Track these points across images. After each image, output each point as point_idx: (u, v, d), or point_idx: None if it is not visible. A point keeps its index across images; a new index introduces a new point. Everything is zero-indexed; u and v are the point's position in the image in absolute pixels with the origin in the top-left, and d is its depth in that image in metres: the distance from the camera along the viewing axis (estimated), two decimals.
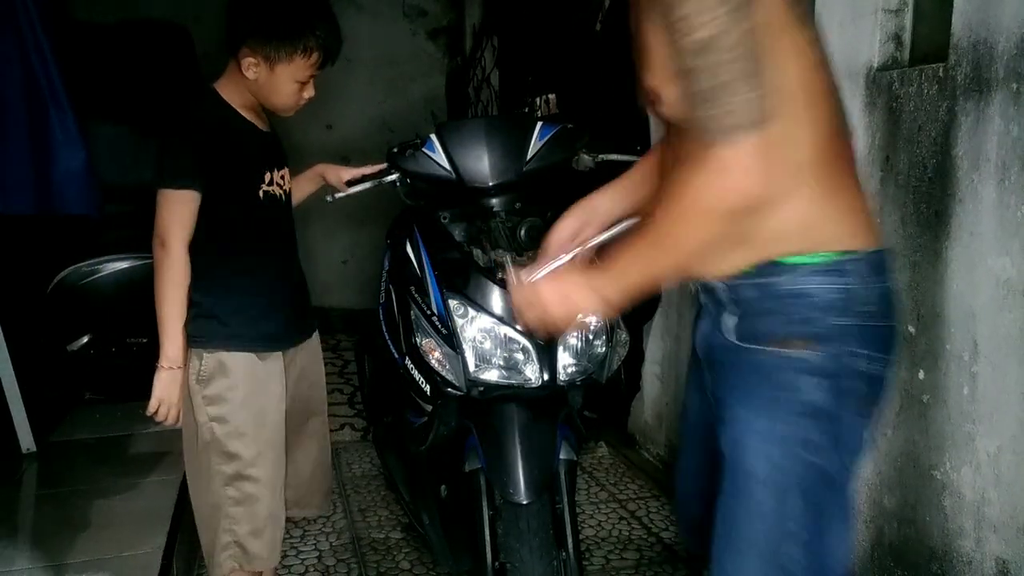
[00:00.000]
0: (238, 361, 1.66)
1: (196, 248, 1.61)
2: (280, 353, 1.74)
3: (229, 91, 1.64)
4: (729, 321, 1.17)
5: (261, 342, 1.70)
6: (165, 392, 1.63)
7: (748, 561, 1.15)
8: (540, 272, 1.25)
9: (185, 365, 1.65)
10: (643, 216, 1.10)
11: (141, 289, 1.67)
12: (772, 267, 1.11)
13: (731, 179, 0.99)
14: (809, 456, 1.12)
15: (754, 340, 1.14)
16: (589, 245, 1.35)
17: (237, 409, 1.66)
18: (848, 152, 1.18)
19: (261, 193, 1.66)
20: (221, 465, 1.66)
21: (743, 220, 1.03)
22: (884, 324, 1.14)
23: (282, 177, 1.73)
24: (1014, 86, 1.39)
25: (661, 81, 1.08)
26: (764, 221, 1.07)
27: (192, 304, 1.62)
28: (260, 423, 1.69)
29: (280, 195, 1.72)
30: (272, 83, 1.60)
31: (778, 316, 1.12)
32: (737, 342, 1.16)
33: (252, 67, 1.58)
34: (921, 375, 1.64)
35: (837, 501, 1.15)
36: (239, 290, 1.67)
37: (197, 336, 1.64)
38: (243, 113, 1.65)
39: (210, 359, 1.65)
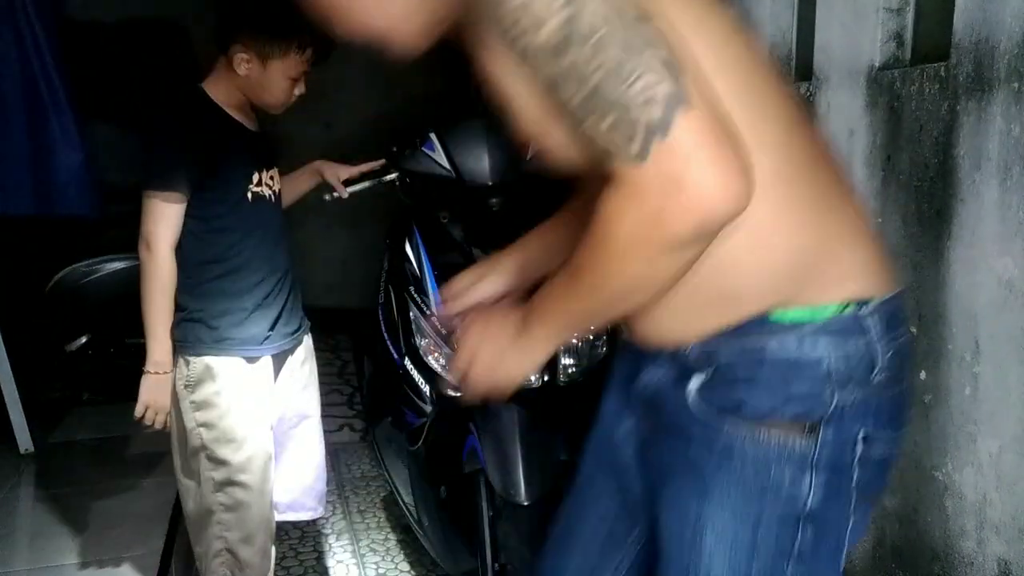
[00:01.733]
0: (225, 365, 1.64)
1: (183, 250, 1.59)
2: (269, 356, 1.72)
3: (218, 90, 1.62)
4: (695, 380, 0.87)
5: (249, 346, 1.67)
6: (152, 396, 1.61)
7: None
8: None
9: (172, 369, 1.63)
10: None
11: (140, 289, 1.66)
12: (759, 326, 0.83)
13: (675, 200, 0.69)
14: (787, 568, 0.86)
15: (730, 411, 0.85)
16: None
17: (225, 414, 1.64)
18: (833, 165, 0.90)
19: (249, 194, 1.64)
20: (211, 471, 1.64)
21: (699, 248, 0.73)
22: (899, 390, 0.88)
23: (271, 177, 1.71)
24: (1015, 85, 1.39)
25: (536, 125, 0.79)
26: (744, 258, 0.80)
27: (179, 307, 1.61)
28: (249, 428, 1.67)
29: (269, 195, 1.70)
30: (264, 80, 1.59)
31: (766, 388, 0.83)
32: (706, 407, 0.86)
33: (244, 64, 1.56)
34: (923, 375, 1.63)
35: None
36: (226, 293, 1.64)
37: (184, 340, 1.62)
38: (231, 113, 1.63)
39: (197, 363, 1.63)
